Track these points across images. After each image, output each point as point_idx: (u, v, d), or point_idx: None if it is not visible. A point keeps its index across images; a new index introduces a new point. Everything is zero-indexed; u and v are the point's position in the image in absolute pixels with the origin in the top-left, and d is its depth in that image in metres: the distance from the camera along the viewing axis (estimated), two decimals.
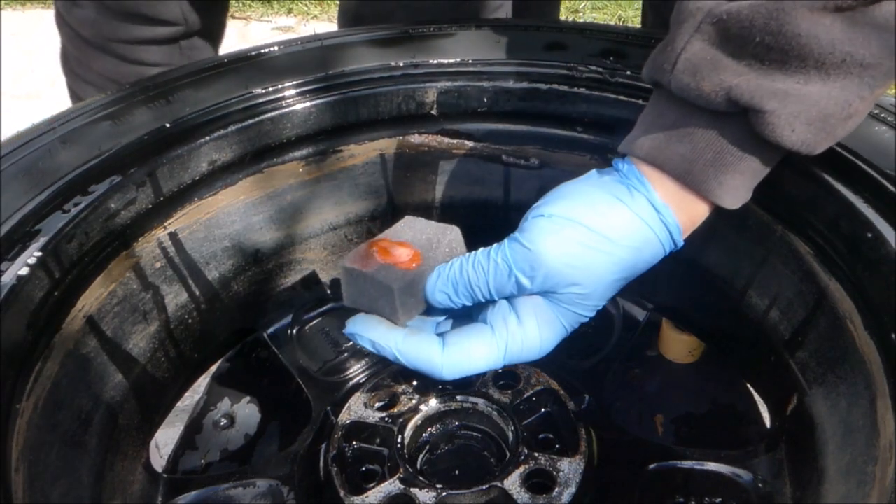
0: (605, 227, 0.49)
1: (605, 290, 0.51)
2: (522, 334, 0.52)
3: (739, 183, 0.49)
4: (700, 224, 0.52)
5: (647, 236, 0.50)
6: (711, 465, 0.59)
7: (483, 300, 0.52)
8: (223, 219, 0.69)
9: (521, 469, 0.58)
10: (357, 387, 0.67)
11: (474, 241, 0.55)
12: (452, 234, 0.54)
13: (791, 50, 0.43)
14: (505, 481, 0.57)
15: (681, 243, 0.52)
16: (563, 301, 0.51)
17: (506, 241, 0.51)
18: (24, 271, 0.51)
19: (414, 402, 0.64)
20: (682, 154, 0.49)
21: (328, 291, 0.79)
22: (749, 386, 0.73)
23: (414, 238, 0.54)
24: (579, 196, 0.51)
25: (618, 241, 0.49)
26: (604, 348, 0.72)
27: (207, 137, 0.64)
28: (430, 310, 0.54)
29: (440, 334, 0.54)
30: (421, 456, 0.64)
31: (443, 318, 0.57)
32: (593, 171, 0.53)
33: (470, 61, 0.70)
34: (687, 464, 0.60)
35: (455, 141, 0.73)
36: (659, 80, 0.49)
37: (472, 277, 0.51)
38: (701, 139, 0.48)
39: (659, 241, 0.51)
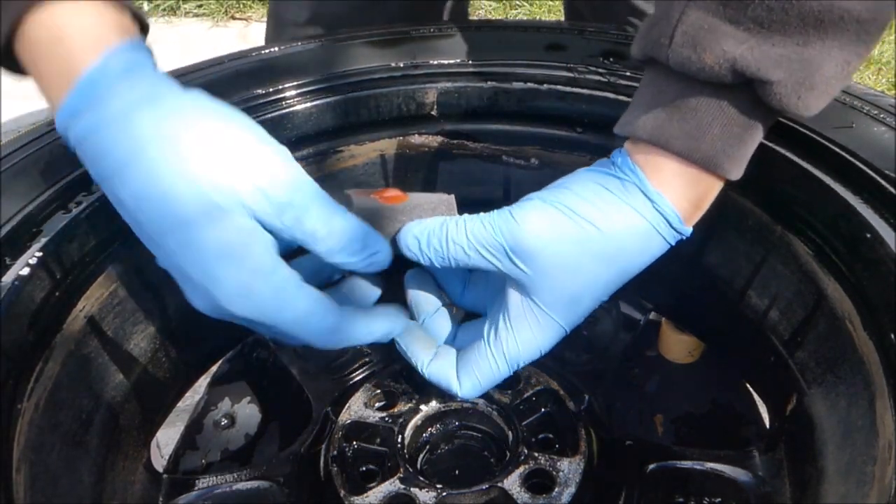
0: (595, 217, 0.49)
1: (598, 285, 0.50)
2: (516, 341, 0.52)
3: (744, 153, 0.49)
4: (707, 209, 0.51)
5: (639, 226, 0.49)
6: (711, 465, 0.59)
7: (453, 262, 0.51)
8: None
9: (521, 469, 0.58)
10: (357, 387, 0.67)
11: None
12: (445, 198, 0.55)
13: (791, 9, 0.42)
14: (505, 481, 0.57)
15: (686, 231, 0.51)
16: (554, 298, 0.50)
17: (495, 210, 0.51)
18: (25, 271, 0.51)
19: (414, 402, 0.64)
20: (688, 131, 0.47)
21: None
22: (749, 386, 0.73)
23: (415, 194, 0.55)
24: (574, 187, 0.50)
25: (607, 232, 0.49)
26: (604, 348, 0.72)
27: None
28: (404, 262, 0.53)
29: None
30: (421, 456, 0.64)
31: (454, 319, 0.58)
32: (594, 164, 0.53)
33: (470, 62, 0.71)
34: (687, 464, 0.60)
35: (455, 141, 0.74)
36: (655, 56, 0.48)
37: (451, 231, 0.50)
38: (706, 113, 0.47)
39: (655, 231, 0.49)
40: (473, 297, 0.59)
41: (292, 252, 0.53)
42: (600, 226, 0.49)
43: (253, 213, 0.46)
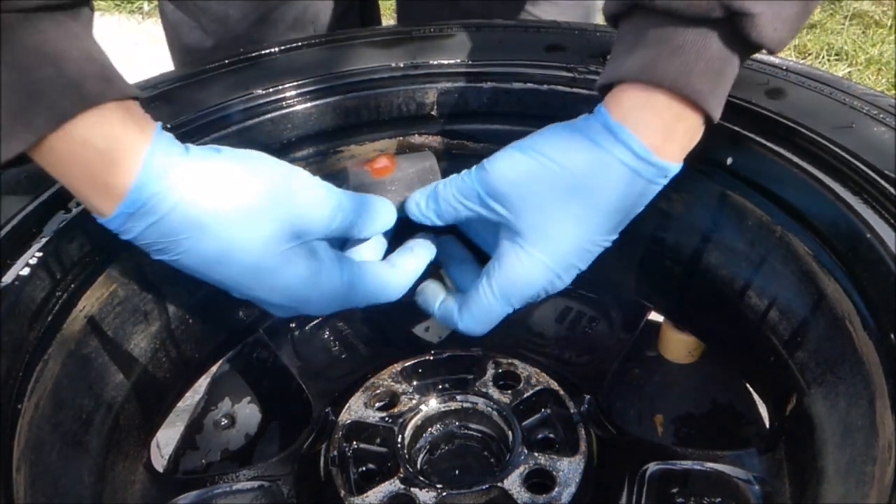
0: (556, 155, 0.52)
1: (573, 221, 0.52)
2: (506, 279, 0.55)
3: (724, 88, 0.51)
4: (689, 144, 0.53)
5: (601, 159, 0.51)
6: (711, 465, 0.59)
7: (449, 217, 0.57)
8: None
9: (521, 469, 0.58)
10: (357, 387, 0.67)
11: None
12: (428, 161, 0.62)
13: None
14: (505, 481, 0.57)
15: (663, 164, 0.51)
16: (534, 236, 0.53)
17: (476, 165, 0.56)
18: (25, 271, 0.51)
19: (414, 402, 0.64)
20: (678, 67, 0.49)
21: None
22: (749, 386, 0.73)
23: (400, 158, 0.62)
24: (544, 132, 0.54)
25: (570, 167, 0.52)
26: (604, 348, 0.72)
27: (208, 138, 0.64)
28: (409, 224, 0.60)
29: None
30: (421, 456, 0.64)
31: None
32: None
33: (470, 62, 0.71)
34: (687, 464, 0.60)
35: (455, 141, 0.74)
36: (638, 2, 0.51)
37: (441, 191, 0.57)
38: (692, 50, 0.49)
39: (620, 162, 0.51)
40: None
41: None
42: (562, 162, 0.52)
43: (314, 236, 0.54)
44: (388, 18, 1.21)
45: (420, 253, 0.61)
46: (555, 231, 0.53)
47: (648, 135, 0.51)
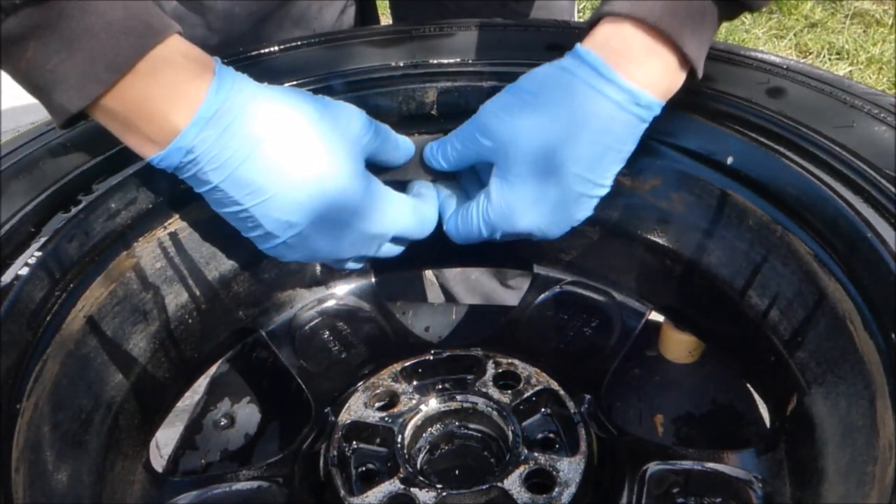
0: (530, 86, 0.56)
1: (547, 148, 0.55)
2: (490, 207, 0.58)
3: (704, 39, 0.55)
4: (669, 86, 0.55)
5: (564, 79, 0.55)
6: (711, 465, 0.59)
7: (454, 157, 0.61)
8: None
9: (521, 469, 0.58)
10: (357, 386, 0.67)
11: None
12: None
13: None
14: (505, 481, 0.57)
15: (635, 91, 0.53)
16: (516, 169, 0.56)
17: None
18: (25, 271, 0.51)
19: (414, 402, 0.64)
20: (662, 7, 0.52)
21: (328, 291, 0.79)
22: (749, 386, 0.73)
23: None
24: (530, 71, 0.58)
25: (538, 92, 0.55)
26: (604, 348, 0.72)
27: None
28: (429, 172, 0.65)
29: None
30: (421, 456, 0.64)
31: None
32: None
33: (470, 62, 0.70)
34: (687, 464, 0.60)
35: None
36: None
37: (447, 136, 0.62)
38: None
39: (582, 81, 0.54)
40: None
41: None
42: (532, 89, 0.56)
43: (355, 142, 0.58)
44: (385, 18, 1.21)
45: (429, 192, 0.64)
46: (530, 159, 0.56)
47: (614, 58, 0.53)
